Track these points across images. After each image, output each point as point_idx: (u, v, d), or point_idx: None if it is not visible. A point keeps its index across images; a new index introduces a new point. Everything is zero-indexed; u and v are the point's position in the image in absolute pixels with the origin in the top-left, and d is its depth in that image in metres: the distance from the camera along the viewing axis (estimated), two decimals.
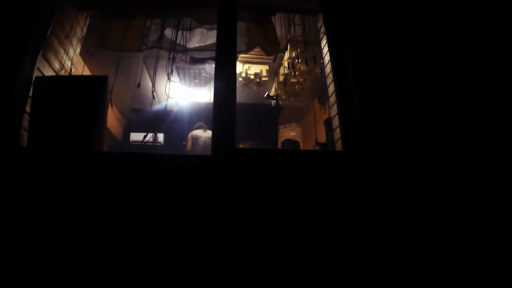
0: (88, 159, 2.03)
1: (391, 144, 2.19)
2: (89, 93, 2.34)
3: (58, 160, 2.00)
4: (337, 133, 2.59)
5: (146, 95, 6.09)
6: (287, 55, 5.01)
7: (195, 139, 5.31)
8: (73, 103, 2.31)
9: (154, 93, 4.70)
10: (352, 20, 2.59)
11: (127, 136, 7.00)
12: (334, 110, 2.67)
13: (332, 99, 2.73)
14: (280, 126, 7.81)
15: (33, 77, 2.35)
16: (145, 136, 6.18)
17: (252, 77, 5.52)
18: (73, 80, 2.56)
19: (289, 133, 7.70)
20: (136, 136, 7.00)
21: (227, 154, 2.09)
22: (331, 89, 2.74)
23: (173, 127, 6.76)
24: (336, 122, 2.63)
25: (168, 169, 1.99)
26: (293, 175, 2.06)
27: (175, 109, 6.55)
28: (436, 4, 2.61)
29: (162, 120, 6.62)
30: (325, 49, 2.91)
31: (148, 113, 6.67)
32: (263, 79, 5.57)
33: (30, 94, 2.33)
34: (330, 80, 2.73)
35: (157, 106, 6.52)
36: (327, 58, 2.84)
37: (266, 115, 6.38)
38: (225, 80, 2.30)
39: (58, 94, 2.33)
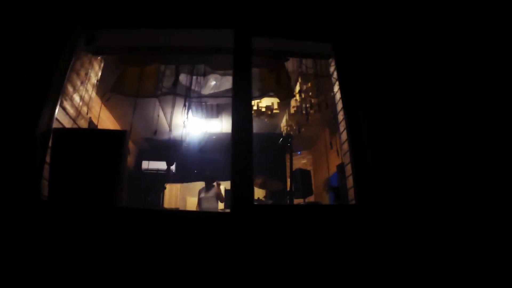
0: (111, 216, 2.08)
1: (403, 198, 2.21)
2: (109, 147, 2.38)
3: (79, 215, 2.04)
4: (350, 181, 2.61)
5: (159, 126, 6.17)
6: (298, 87, 5.04)
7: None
8: (93, 156, 2.35)
9: (170, 126, 4.78)
10: (364, 65, 2.62)
11: (138, 164, 7.06)
12: (346, 158, 2.70)
13: (345, 147, 2.76)
14: None
15: (52, 128, 2.39)
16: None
17: (263, 109, 5.58)
18: (93, 133, 2.61)
19: (300, 161, 7.69)
20: (147, 165, 7.06)
21: (245, 212, 2.15)
22: (343, 136, 2.76)
23: (185, 156, 6.82)
24: (348, 170, 2.65)
25: (193, 224, 2.09)
26: (310, 227, 2.13)
27: (187, 138, 6.62)
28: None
29: (174, 149, 6.69)
30: (338, 95, 2.94)
31: (160, 142, 6.75)
32: (275, 111, 5.63)
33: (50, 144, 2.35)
34: (341, 118, 2.77)
35: (169, 136, 6.59)
36: (338, 95, 2.88)
37: (276, 146, 6.42)
38: (242, 139, 2.44)
39: (78, 147, 2.37)
